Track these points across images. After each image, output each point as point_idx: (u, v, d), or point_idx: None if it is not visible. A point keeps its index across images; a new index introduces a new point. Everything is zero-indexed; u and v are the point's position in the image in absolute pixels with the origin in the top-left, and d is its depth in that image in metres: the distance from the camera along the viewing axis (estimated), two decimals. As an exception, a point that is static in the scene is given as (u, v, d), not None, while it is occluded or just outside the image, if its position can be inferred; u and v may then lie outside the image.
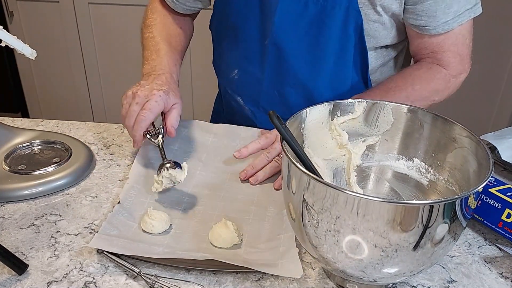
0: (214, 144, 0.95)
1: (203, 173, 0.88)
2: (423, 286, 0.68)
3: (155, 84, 0.87)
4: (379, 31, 0.92)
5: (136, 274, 0.66)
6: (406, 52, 1.06)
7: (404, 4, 0.88)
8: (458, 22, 0.88)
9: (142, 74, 0.94)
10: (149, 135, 0.85)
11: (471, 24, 0.91)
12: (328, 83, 0.96)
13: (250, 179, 0.86)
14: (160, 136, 0.85)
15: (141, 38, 1.04)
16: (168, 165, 0.78)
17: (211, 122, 1.22)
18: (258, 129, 0.98)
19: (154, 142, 0.85)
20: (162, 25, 1.03)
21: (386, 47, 0.97)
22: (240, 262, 0.66)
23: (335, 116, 0.71)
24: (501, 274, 0.70)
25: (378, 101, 0.72)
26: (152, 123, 0.85)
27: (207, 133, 0.97)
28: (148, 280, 0.65)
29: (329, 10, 0.88)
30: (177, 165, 0.79)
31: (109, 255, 0.68)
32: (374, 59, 0.97)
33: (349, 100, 0.71)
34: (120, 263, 0.68)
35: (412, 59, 1.01)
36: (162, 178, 0.78)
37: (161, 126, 0.86)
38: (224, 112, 1.18)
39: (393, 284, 0.67)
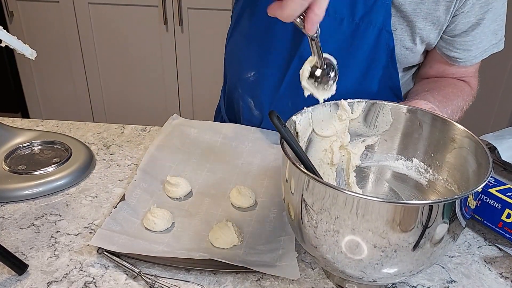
0: (222, 146, 0.95)
1: (209, 174, 0.89)
2: (423, 286, 0.68)
3: None
4: (407, 59, 0.93)
5: (136, 274, 0.66)
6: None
7: (443, 34, 0.89)
8: (483, 56, 0.93)
9: None
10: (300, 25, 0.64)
11: None
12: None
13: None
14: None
15: None
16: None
17: (214, 119, 1.22)
18: (268, 130, 0.99)
19: (311, 36, 0.64)
20: None
21: (409, 68, 0.99)
22: (239, 262, 0.66)
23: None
24: (501, 274, 0.70)
25: (377, 101, 0.72)
26: None
27: (216, 133, 0.97)
28: (148, 280, 0.65)
29: (362, 30, 0.87)
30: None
31: (109, 255, 0.69)
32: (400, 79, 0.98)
33: (349, 100, 0.71)
34: (120, 263, 0.68)
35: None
36: (323, 86, 0.68)
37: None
38: (227, 109, 1.16)
39: (393, 284, 0.67)
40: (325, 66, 0.67)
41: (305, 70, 0.67)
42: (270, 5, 0.61)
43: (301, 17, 0.61)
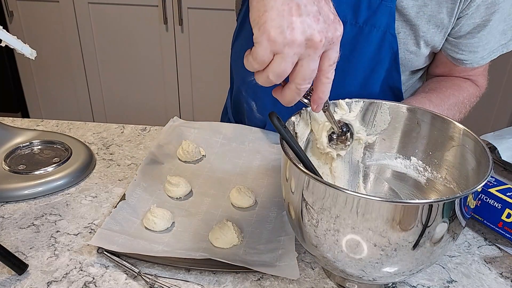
0: (222, 146, 0.96)
1: (209, 174, 0.89)
2: (423, 286, 0.68)
3: (330, 9, 0.54)
4: (412, 62, 0.91)
5: (136, 274, 0.66)
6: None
7: (448, 36, 0.88)
8: (491, 57, 0.91)
9: None
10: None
11: None
12: None
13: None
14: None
15: None
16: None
17: (221, 120, 1.22)
18: (268, 130, 0.99)
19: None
20: None
21: (415, 70, 0.98)
22: (239, 262, 0.66)
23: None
24: (501, 274, 0.70)
25: (375, 101, 0.72)
26: None
27: (216, 134, 0.98)
28: (148, 280, 0.65)
29: (366, 33, 0.86)
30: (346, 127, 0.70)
31: (109, 255, 0.69)
32: (405, 82, 0.97)
33: (347, 99, 0.71)
34: (120, 263, 0.68)
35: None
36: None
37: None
38: (233, 111, 1.16)
39: (393, 283, 0.67)
40: (341, 128, 0.68)
41: (323, 137, 0.69)
42: (274, 89, 0.60)
43: (308, 97, 0.60)
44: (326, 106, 0.62)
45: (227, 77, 1.19)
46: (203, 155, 0.93)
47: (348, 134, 0.70)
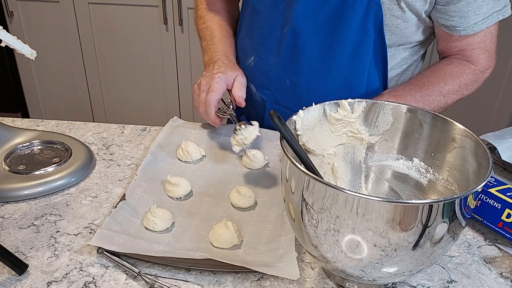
0: (222, 146, 0.96)
1: (209, 174, 0.89)
2: (423, 286, 0.68)
3: (214, 69, 0.97)
4: (400, 29, 0.91)
5: (136, 274, 0.66)
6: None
7: (435, 4, 0.88)
8: (486, 24, 0.90)
9: (204, 65, 1.03)
10: (220, 112, 0.94)
11: (497, 22, 0.93)
12: (342, 76, 0.96)
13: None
14: (231, 107, 0.95)
15: (196, 29, 1.14)
16: (243, 126, 0.89)
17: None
18: (268, 130, 0.99)
19: (225, 115, 0.94)
20: (212, 12, 1.10)
21: (412, 46, 0.97)
22: (238, 262, 0.66)
23: (337, 111, 0.71)
24: (501, 274, 0.70)
25: (378, 101, 0.72)
26: (222, 100, 0.96)
27: (216, 134, 0.98)
28: (148, 280, 0.65)
29: (350, 2, 0.88)
30: (248, 124, 0.89)
31: (109, 255, 0.69)
32: (403, 58, 0.98)
33: (349, 100, 0.71)
34: (120, 263, 0.68)
35: (438, 56, 1.02)
36: (240, 137, 0.88)
37: (229, 100, 0.97)
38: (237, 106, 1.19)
39: (393, 283, 0.67)
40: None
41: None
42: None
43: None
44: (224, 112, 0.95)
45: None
46: (203, 155, 0.93)
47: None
